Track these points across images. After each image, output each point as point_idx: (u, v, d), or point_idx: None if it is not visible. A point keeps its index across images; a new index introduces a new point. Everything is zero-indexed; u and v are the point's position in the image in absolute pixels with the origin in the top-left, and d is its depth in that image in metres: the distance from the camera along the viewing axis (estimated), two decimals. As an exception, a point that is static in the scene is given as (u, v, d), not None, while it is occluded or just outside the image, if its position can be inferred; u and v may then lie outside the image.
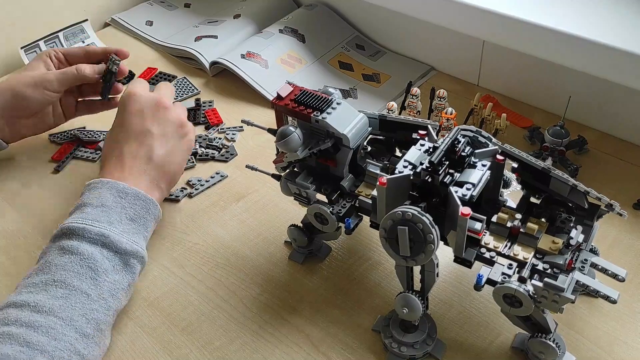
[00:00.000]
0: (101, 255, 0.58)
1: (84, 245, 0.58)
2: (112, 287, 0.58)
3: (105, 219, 0.60)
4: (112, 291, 0.58)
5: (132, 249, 0.60)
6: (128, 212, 0.62)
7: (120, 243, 0.59)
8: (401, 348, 0.57)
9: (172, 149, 0.69)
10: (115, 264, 0.59)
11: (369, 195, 0.59)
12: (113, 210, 0.61)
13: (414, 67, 0.96)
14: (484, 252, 0.54)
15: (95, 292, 0.56)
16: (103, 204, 0.61)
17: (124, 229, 0.61)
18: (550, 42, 0.74)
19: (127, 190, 0.63)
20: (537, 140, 0.80)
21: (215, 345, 0.60)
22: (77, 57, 0.80)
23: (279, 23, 1.02)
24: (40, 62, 0.78)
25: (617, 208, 0.52)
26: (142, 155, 0.67)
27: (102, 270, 0.57)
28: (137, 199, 0.63)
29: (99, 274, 0.57)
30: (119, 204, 0.62)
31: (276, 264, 0.68)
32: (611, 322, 0.60)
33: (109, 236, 0.59)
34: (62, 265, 0.57)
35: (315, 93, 0.59)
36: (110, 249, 0.59)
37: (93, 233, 0.59)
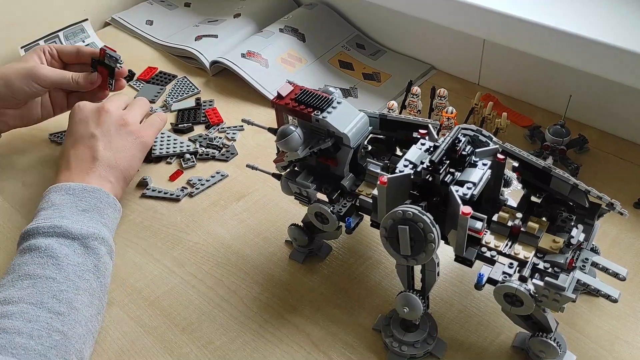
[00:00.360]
0: (58, 243, 0.59)
1: (40, 239, 0.59)
2: (77, 269, 0.59)
3: (57, 214, 0.62)
4: (77, 273, 0.58)
5: (87, 232, 0.61)
6: (79, 205, 0.64)
7: (73, 229, 0.61)
8: (402, 347, 0.57)
9: (118, 146, 0.71)
10: (75, 249, 0.60)
11: (370, 194, 0.59)
12: (64, 206, 0.63)
13: (414, 66, 0.96)
14: (485, 251, 0.54)
15: (60, 275, 0.57)
16: (53, 204, 0.64)
17: (77, 219, 0.62)
18: (551, 41, 0.74)
19: (74, 187, 0.65)
20: (538, 139, 0.80)
21: (216, 345, 0.60)
22: (69, 55, 0.81)
23: (279, 22, 1.02)
24: (34, 55, 0.79)
25: (618, 207, 0.52)
26: (87, 156, 0.70)
27: (62, 255, 0.59)
28: (84, 191, 0.65)
29: (60, 259, 0.58)
30: (69, 200, 0.64)
31: (277, 263, 0.68)
32: (612, 321, 0.60)
33: (61, 226, 0.60)
34: (25, 262, 0.58)
35: (316, 92, 0.59)
36: (66, 236, 0.60)
37: (46, 227, 0.60)
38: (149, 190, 0.77)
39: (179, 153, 0.83)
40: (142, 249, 0.70)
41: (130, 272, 0.68)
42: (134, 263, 0.69)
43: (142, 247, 0.71)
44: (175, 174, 0.80)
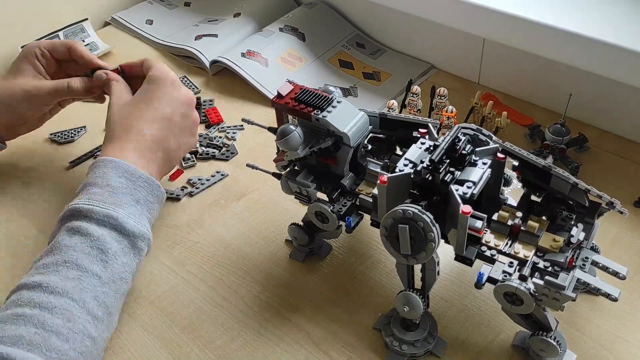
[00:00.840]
0: (110, 237, 0.58)
1: (93, 226, 0.58)
2: (122, 269, 0.58)
3: (112, 200, 0.60)
4: (121, 274, 0.57)
5: (139, 231, 0.60)
6: (134, 194, 0.62)
7: (127, 225, 0.59)
8: (402, 346, 0.57)
9: (183, 144, 0.70)
10: (124, 246, 0.59)
11: (370, 193, 0.59)
12: (119, 192, 0.61)
13: (415, 65, 0.96)
14: (485, 250, 0.54)
15: (105, 274, 0.56)
16: (109, 183, 0.61)
17: (131, 211, 0.60)
18: (551, 39, 0.74)
19: (133, 171, 0.63)
20: (538, 138, 0.80)
21: (217, 344, 0.61)
22: (61, 52, 0.77)
23: (279, 21, 1.02)
24: (27, 65, 0.75)
25: (618, 206, 0.52)
26: (160, 143, 0.67)
27: (111, 252, 0.57)
28: (142, 180, 0.63)
29: (109, 256, 0.57)
30: (125, 185, 0.62)
31: (277, 262, 0.68)
32: (612, 319, 0.60)
33: (117, 218, 0.58)
34: (73, 246, 0.56)
35: (316, 91, 0.59)
36: (119, 231, 0.59)
37: (101, 215, 0.58)
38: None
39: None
40: (142, 248, 0.71)
41: (130, 271, 0.68)
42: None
43: (143, 246, 0.71)
44: (175, 173, 0.80)
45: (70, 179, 0.80)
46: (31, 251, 0.71)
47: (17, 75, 0.74)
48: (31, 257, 0.70)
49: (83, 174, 0.80)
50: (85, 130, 0.88)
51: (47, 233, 0.72)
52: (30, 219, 0.75)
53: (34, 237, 0.73)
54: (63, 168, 0.82)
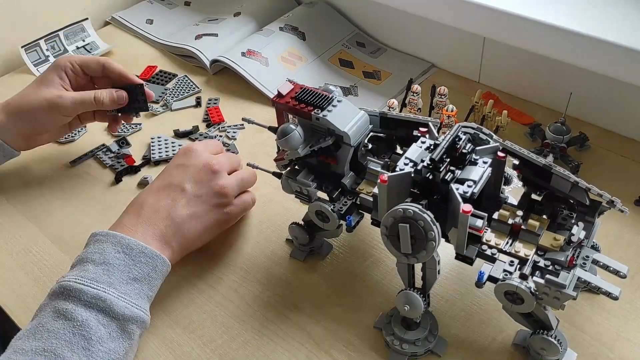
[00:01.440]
0: (96, 321, 0.54)
1: (79, 309, 0.54)
2: (107, 357, 0.53)
3: (105, 279, 0.56)
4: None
5: (131, 313, 0.55)
6: (132, 271, 0.57)
7: (118, 307, 0.55)
8: (403, 345, 0.57)
9: (199, 213, 0.63)
10: (112, 331, 0.54)
11: (370, 192, 0.59)
12: (115, 270, 0.57)
13: (415, 64, 0.96)
14: (485, 249, 0.54)
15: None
16: (105, 261, 0.57)
17: (125, 291, 0.56)
18: (551, 38, 0.74)
19: (133, 246, 0.58)
20: (538, 137, 0.80)
21: (217, 343, 0.61)
22: (95, 70, 0.76)
23: (280, 21, 1.02)
24: (55, 76, 0.74)
25: (618, 204, 0.52)
26: (162, 208, 0.62)
27: (96, 339, 0.53)
28: (143, 255, 0.58)
29: (93, 343, 0.53)
30: (123, 262, 0.57)
31: (278, 261, 0.68)
32: (613, 318, 0.60)
33: (105, 299, 0.54)
34: (55, 332, 0.53)
35: (316, 91, 0.59)
36: (107, 314, 0.54)
37: (89, 296, 0.54)
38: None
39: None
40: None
41: (131, 271, 0.68)
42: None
43: (143, 246, 0.71)
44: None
45: (71, 178, 0.80)
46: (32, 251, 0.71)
47: (42, 85, 0.74)
48: (31, 257, 0.70)
49: (83, 172, 0.81)
50: (85, 129, 0.88)
51: (46, 233, 0.73)
52: (31, 219, 0.75)
53: (35, 236, 0.73)
54: (64, 168, 0.82)
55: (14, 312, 0.65)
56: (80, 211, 0.76)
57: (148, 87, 0.78)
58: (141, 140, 0.86)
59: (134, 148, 0.84)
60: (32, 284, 0.67)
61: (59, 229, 0.74)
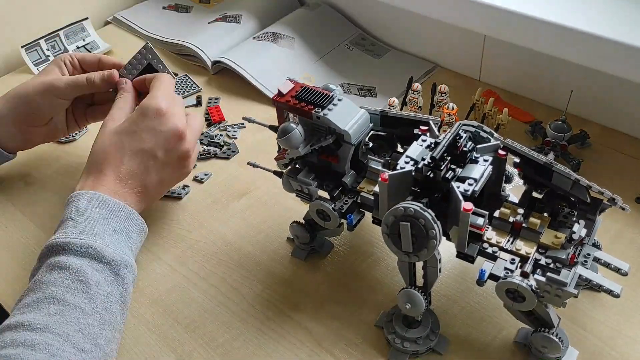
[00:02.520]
0: (90, 267, 0.56)
1: (72, 259, 0.56)
2: (105, 299, 0.55)
3: (89, 230, 0.58)
4: (105, 304, 0.55)
5: (120, 258, 0.58)
6: (111, 224, 0.60)
7: (107, 253, 0.57)
8: (404, 344, 0.57)
9: (166, 179, 0.67)
10: (106, 276, 0.56)
11: (371, 191, 0.59)
12: (96, 222, 0.59)
13: (418, 65, 0.96)
14: (487, 247, 0.54)
15: (89, 305, 0.54)
16: (85, 215, 0.59)
17: (110, 240, 0.59)
18: (552, 36, 0.74)
19: (108, 201, 0.61)
20: (539, 134, 0.80)
21: (219, 342, 0.61)
22: (92, 64, 0.77)
23: (282, 21, 1.02)
24: (55, 67, 0.76)
25: (619, 202, 0.52)
26: (136, 175, 0.65)
27: (93, 282, 0.55)
28: (117, 209, 0.61)
29: (91, 286, 0.55)
30: (101, 216, 0.60)
31: (279, 260, 0.68)
32: (614, 316, 0.60)
33: (95, 247, 0.57)
34: (52, 282, 0.54)
35: (316, 89, 0.59)
36: (99, 260, 0.57)
37: (79, 245, 0.56)
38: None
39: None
40: (144, 247, 0.70)
41: (132, 270, 0.68)
42: (136, 261, 0.69)
43: (145, 245, 0.71)
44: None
45: (73, 177, 0.81)
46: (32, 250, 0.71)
47: (40, 75, 0.76)
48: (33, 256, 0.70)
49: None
50: (87, 129, 0.88)
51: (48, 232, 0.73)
52: (32, 219, 0.75)
53: (35, 236, 0.73)
54: (65, 167, 0.82)
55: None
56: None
57: None
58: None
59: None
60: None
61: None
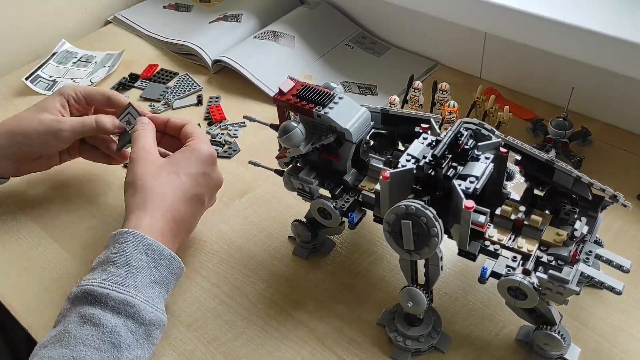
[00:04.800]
0: (125, 327, 0.53)
1: (107, 315, 0.52)
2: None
3: (130, 282, 0.55)
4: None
5: (156, 318, 0.55)
6: (154, 274, 0.57)
7: (145, 313, 0.54)
8: (406, 341, 0.57)
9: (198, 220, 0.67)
10: (139, 337, 0.54)
11: (372, 189, 0.59)
12: (138, 272, 0.56)
13: (418, 63, 0.96)
14: (488, 245, 0.54)
15: None
16: (128, 262, 0.56)
17: (149, 294, 0.56)
18: (552, 33, 0.74)
19: (155, 248, 0.57)
20: (540, 132, 0.80)
21: (221, 341, 0.61)
22: (100, 102, 0.74)
23: (282, 20, 1.02)
24: (56, 103, 0.71)
25: (621, 199, 0.52)
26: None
27: (125, 346, 0.52)
28: (162, 257, 0.58)
29: (122, 350, 0.52)
30: (145, 264, 0.57)
31: (280, 259, 0.68)
32: (616, 313, 0.60)
33: (134, 305, 0.54)
34: (82, 339, 0.51)
35: (317, 88, 0.59)
36: (135, 320, 0.54)
37: (117, 301, 0.53)
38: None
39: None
40: (146, 246, 0.71)
41: (134, 269, 0.68)
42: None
43: (146, 244, 0.71)
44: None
45: (78, 180, 0.81)
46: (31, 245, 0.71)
47: (40, 110, 0.71)
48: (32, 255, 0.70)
49: (90, 174, 0.81)
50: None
51: (49, 232, 0.73)
52: (33, 218, 0.75)
53: (36, 236, 0.73)
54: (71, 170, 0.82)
55: (18, 312, 0.65)
56: (87, 213, 0.75)
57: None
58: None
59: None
60: (37, 284, 0.67)
61: (65, 231, 0.73)
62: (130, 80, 0.97)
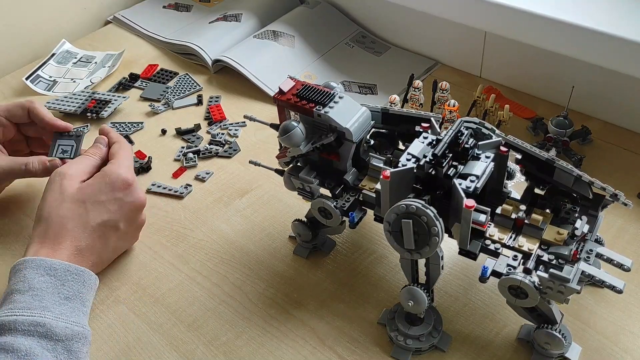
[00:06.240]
0: (40, 347, 0.51)
1: (19, 339, 0.51)
2: None
3: (37, 304, 0.53)
4: None
5: (72, 332, 0.53)
6: (61, 291, 0.55)
7: (59, 329, 0.52)
8: (407, 341, 0.57)
9: (120, 247, 0.66)
10: (58, 354, 0.52)
11: (373, 188, 0.59)
12: (44, 293, 0.54)
13: (419, 62, 0.96)
14: (489, 244, 0.54)
15: None
16: (31, 287, 0.54)
17: (61, 311, 0.54)
18: (553, 32, 0.74)
19: (56, 265, 0.56)
20: (541, 131, 0.80)
21: (222, 341, 0.61)
22: (20, 117, 0.71)
23: (282, 20, 1.02)
24: None
25: (622, 198, 0.52)
26: (95, 248, 0.61)
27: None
28: (67, 273, 0.57)
29: None
30: (50, 284, 0.55)
31: (281, 259, 0.68)
32: (617, 312, 0.60)
33: (44, 324, 0.52)
34: None
35: (317, 87, 0.59)
36: (49, 338, 0.52)
37: (26, 324, 0.51)
38: (154, 186, 0.78)
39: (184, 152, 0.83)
40: (146, 246, 0.71)
41: (135, 269, 0.68)
42: (138, 260, 0.69)
43: (147, 244, 0.71)
44: (178, 170, 0.80)
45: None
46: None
47: None
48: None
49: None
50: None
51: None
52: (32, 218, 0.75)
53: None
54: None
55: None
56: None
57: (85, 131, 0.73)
58: (144, 138, 0.86)
59: (137, 147, 0.84)
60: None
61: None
62: (130, 80, 0.97)
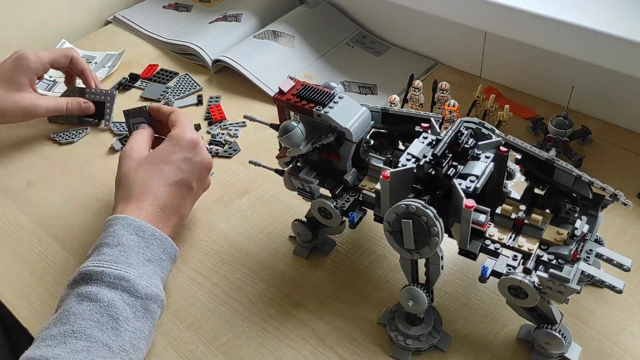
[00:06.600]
0: (122, 301, 0.55)
1: (103, 290, 0.54)
2: (134, 336, 0.54)
3: (124, 260, 0.57)
4: (133, 341, 0.54)
5: (152, 292, 0.57)
6: (146, 253, 0.59)
7: (140, 287, 0.56)
8: (407, 341, 0.57)
9: (193, 203, 0.69)
10: (137, 310, 0.55)
11: (373, 189, 0.59)
12: (131, 250, 0.58)
13: (419, 62, 0.96)
14: (489, 244, 0.54)
15: (116, 343, 0.53)
16: (120, 242, 0.58)
17: (143, 271, 0.57)
18: (553, 32, 0.74)
19: (145, 228, 0.60)
20: (541, 131, 0.80)
21: (222, 341, 0.61)
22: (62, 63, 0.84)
23: (282, 20, 1.02)
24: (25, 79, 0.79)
25: (621, 198, 0.52)
26: (174, 207, 0.65)
27: (123, 318, 0.54)
28: (154, 238, 0.60)
29: (120, 322, 0.54)
30: (137, 244, 0.59)
31: (281, 259, 0.68)
32: (617, 312, 0.60)
33: (129, 279, 0.56)
34: (81, 314, 0.53)
35: (317, 87, 0.59)
36: (131, 293, 0.55)
37: (112, 276, 0.55)
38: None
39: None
40: (146, 246, 0.71)
41: (135, 269, 0.68)
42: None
43: (147, 244, 0.71)
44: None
45: (75, 178, 0.81)
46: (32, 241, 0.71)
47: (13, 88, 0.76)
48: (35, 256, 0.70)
49: (88, 172, 0.81)
50: (87, 131, 0.88)
51: (48, 232, 0.73)
52: (32, 218, 0.75)
53: (36, 236, 0.73)
54: (64, 168, 0.82)
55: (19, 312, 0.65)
56: (87, 213, 0.75)
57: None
58: (143, 139, 0.86)
59: (136, 147, 0.85)
60: (38, 284, 0.67)
61: (65, 231, 0.73)
62: (131, 80, 0.97)
